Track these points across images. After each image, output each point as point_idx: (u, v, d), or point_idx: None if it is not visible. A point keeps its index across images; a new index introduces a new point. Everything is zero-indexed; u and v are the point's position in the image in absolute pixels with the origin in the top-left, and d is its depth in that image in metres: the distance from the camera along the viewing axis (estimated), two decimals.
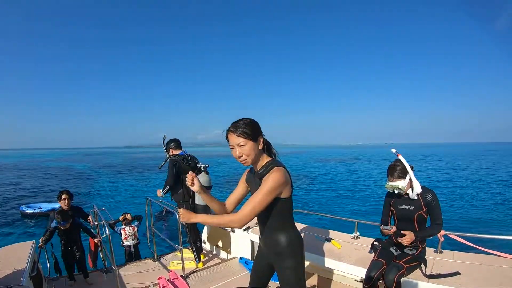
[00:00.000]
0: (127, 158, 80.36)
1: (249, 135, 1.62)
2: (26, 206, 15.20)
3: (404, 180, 2.42)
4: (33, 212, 14.41)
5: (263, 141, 1.70)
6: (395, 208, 2.58)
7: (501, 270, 2.43)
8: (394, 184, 2.44)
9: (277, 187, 1.58)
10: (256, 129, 1.66)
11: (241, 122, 1.65)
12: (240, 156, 1.65)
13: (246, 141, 1.62)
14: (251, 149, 1.63)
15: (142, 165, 50.80)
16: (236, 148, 1.64)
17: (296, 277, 1.74)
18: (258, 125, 1.70)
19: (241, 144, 1.62)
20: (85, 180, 29.15)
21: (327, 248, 3.08)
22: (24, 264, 2.82)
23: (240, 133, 1.61)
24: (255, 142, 1.65)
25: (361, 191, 20.69)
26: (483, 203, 15.60)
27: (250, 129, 1.63)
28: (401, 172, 2.43)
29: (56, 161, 66.67)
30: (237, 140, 1.62)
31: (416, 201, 2.47)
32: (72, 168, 45.15)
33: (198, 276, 3.68)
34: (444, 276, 2.34)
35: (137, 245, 5.19)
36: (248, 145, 1.62)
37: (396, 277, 2.23)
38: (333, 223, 6.57)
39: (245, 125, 1.63)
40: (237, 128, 1.62)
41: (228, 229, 4.19)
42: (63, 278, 3.78)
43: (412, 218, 2.48)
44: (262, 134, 1.71)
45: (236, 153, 1.66)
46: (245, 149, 1.62)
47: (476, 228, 11.20)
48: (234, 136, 1.63)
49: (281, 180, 1.59)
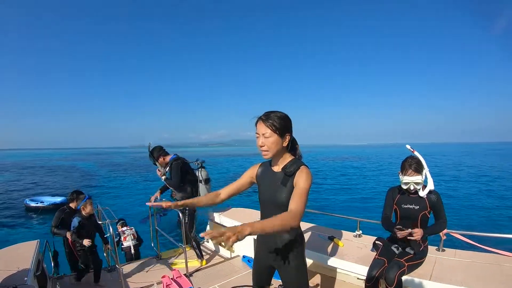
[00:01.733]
0: (131, 157, 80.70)
1: (277, 129, 1.59)
2: (30, 200, 15.74)
3: (421, 175, 2.39)
4: (36, 205, 14.92)
5: (290, 139, 1.67)
6: (398, 207, 2.55)
7: (503, 268, 2.44)
8: (412, 179, 2.39)
9: (310, 185, 1.58)
10: (286, 125, 1.63)
11: (274, 114, 1.62)
12: (262, 146, 1.63)
13: (272, 133, 1.59)
14: (275, 143, 1.61)
15: (145, 164, 50.95)
16: (261, 137, 1.62)
17: (299, 275, 1.75)
18: (290, 122, 1.67)
19: (267, 135, 1.60)
20: (89, 179, 29.37)
21: (329, 247, 3.09)
22: (28, 263, 2.84)
23: (269, 124, 1.59)
24: (281, 138, 1.62)
25: (363, 189, 20.66)
26: (484, 202, 15.54)
27: (280, 123, 1.60)
28: (418, 167, 2.40)
29: (61, 160, 67.11)
30: (264, 130, 1.60)
31: (421, 200, 2.45)
32: (76, 167, 45.43)
33: (201, 274, 3.71)
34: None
35: (137, 246, 5.14)
36: (273, 137, 1.60)
37: (397, 275, 2.24)
38: (335, 221, 6.58)
39: (277, 118, 1.60)
40: (268, 119, 1.60)
41: None
42: (67, 278, 3.80)
43: (417, 217, 2.46)
44: (291, 132, 1.67)
45: (259, 142, 1.64)
46: (269, 141, 1.60)
47: (477, 226, 11.16)
48: (263, 125, 1.60)
49: (311, 179, 1.60)
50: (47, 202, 15.17)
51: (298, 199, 1.50)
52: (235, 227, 1.20)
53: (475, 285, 2.18)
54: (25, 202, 15.59)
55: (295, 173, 1.61)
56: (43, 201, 15.25)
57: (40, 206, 14.76)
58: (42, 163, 56.85)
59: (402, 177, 2.46)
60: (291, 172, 1.62)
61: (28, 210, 15.07)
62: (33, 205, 15.00)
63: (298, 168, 1.62)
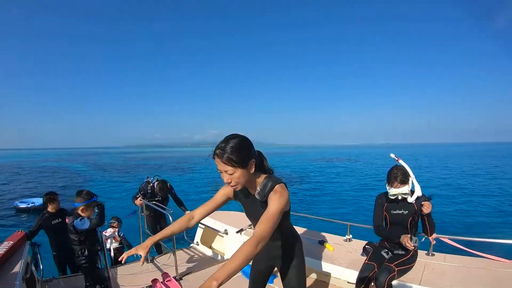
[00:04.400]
0: (121, 158, 79.98)
1: (237, 163, 1.45)
2: (20, 202, 15.78)
3: (407, 185, 2.42)
4: (26, 207, 14.95)
5: (255, 163, 1.54)
6: (388, 213, 2.57)
7: (492, 272, 2.46)
8: (399, 191, 2.42)
9: (284, 205, 1.49)
10: (245, 154, 1.48)
11: (229, 145, 1.45)
12: (229, 182, 1.52)
13: (234, 169, 1.46)
14: (241, 176, 1.49)
15: (135, 165, 50.59)
16: (225, 174, 1.50)
17: (299, 275, 1.78)
18: (249, 146, 1.52)
19: (229, 172, 1.47)
20: (78, 180, 28.95)
21: (320, 251, 3.09)
22: (17, 266, 2.79)
23: (226, 160, 1.44)
24: (245, 169, 1.49)
25: (354, 192, 20.72)
26: (474, 206, 15.71)
27: (238, 156, 1.44)
28: (404, 177, 2.42)
29: (51, 161, 66.21)
30: (224, 167, 1.46)
31: (410, 205, 2.47)
32: (65, 168, 44.81)
33: (191, 278, 3.67)
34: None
35: (119, 249, 5.01)
36: (237, 173, 1.47)
37: (387, 280, 2.24)
38: (325, 225, 6.60)
39: (233, 151, 1.44)
40: (224, 153, 1.44)
41: (221, 232, 4.20)
42: (55, 280, 3.74)
43: (406, 223, 2.49)
44: (253, 156, 1.53)
45: (224, 179, 1.53)
46: (235, 176, 1.48)
47: (467, 231, 11.28)
48: (221, 162, 1.46)
49: (286, 198, 1.51)
50: (38, 202, 14.97)
51: (265, 223, 1.40)
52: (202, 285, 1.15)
53: None
54: (15, 204, 15.70)
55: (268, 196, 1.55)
56: (34, 202, 15.29)
57: (31, 207, 14.75)
58: (31, 164, 56.04)
59: (389, 189, 2.49)
60: (265, 194, 1.54)
61: (18, 211, 15.16)
62: (23, 207, 15.08)
63: (271, 190, 1.53)
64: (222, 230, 4.15)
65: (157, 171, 34.99)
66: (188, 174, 34.13)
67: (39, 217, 3.87)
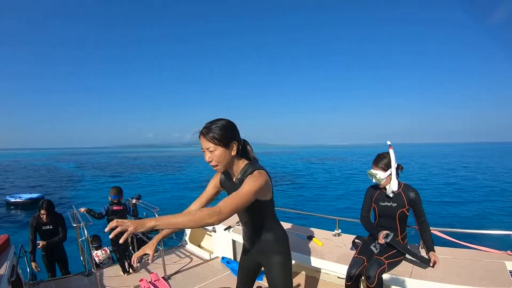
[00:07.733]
0: (112, 158, 79.35)
1: (220, 141, 1.51)
2: (10, 196, 17.75)
3: (384, 172, 2.43)
4: (15, 201, 16.85)
5: (237, 146, 1.58)
6: (376, 205, 2.58)
7: (483, 264, 2.45)
8: (374, 172, 2.47)
9: (258, 189, 1.47)
10: (229, 134, 1.54)
11: (215, 125, 1.53)
12: (210, 161, 1.56)
13: (216, 147, 1.52)
14: (222, 156, 1.54)
15: (127, 165, 50.20)
16: (207, 152, 1.55)
17: (284, 272, 1.75)
18: (233, 128, 1.58)
19: (211, 149, 1.52)
20: (67, 181, 28.75)
21: (309, 246, 3.04)
22: (2, 268, 2.67)
23: (210, 138, 1.51)
24: (227, 148, 1.54)
25: (342, 188, 20.96)
26: (464, 199, 15.95)
27: (222, 134, 1.51)
28: (385, 165, 2.45)
29: (41, 161, 65.48)
30: (207, 144, 1.52)
31: (399, 198, 2.46)
32: (55, 169, 44.35)
33: (180, 277, 3.61)
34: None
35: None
36: (218, 151, 1.52)
37: (377, 273, 2.21)
38: (314, 220, 6.59)
39: (218, 129, 1.51)
40: (209, 132, 1.52)
41: (209, 230, 4.13)
42: (43, 283, 3.63)
43: (394, 215, 2.48)
44: (236, 139, 1.58)
45: (206, 157, 1.57)
46: (216, 154, 1.53)
47: (457, 223, 11.43)
48: (205, 140, 1.53)
49: (262, 183, 1.49)
50: (24, 197, 17.19)
51: (231, 199, 1.39)
52: (139, 221, 1.21)
53: (455, 281, 2.17)
54: (6, 198, 17.39)
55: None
56: (20, 197, 17.23)
57: (19, 201, 16.60)
58: (22, 164, 55.36)
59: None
60: (243, 179, 1.55)
61: (8, 205, 16.81)
62: (12, 201, 16.83)
63: (250, 174, 1.54)
64: (210, 228, 4.09)
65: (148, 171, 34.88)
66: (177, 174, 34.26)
67: (31, 220, 3.90)
